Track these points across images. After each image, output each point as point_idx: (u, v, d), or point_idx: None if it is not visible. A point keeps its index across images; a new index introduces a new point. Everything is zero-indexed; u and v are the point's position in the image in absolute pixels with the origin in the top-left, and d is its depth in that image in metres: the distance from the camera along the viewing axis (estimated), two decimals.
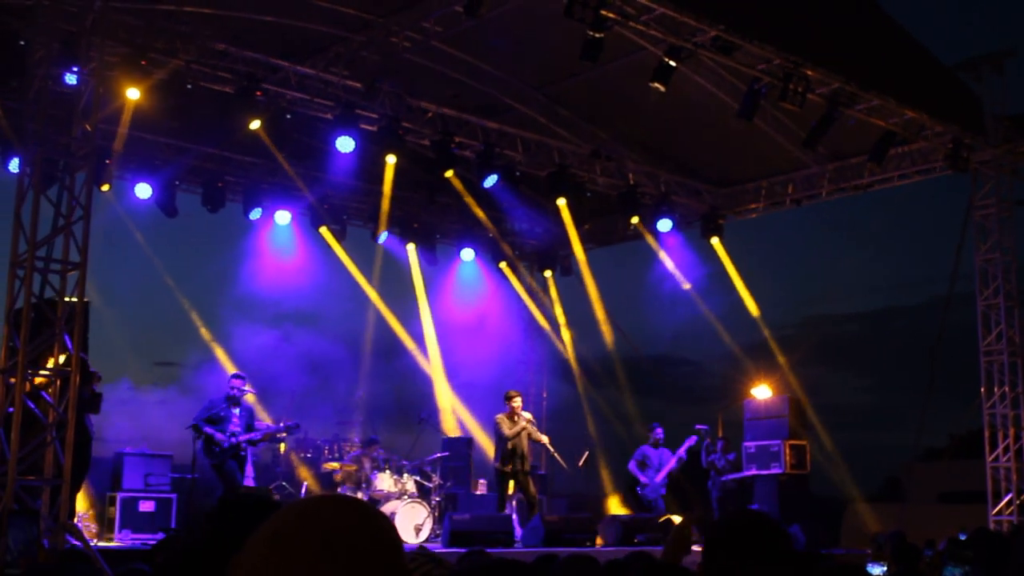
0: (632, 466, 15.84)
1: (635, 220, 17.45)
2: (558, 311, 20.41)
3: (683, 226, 18.31)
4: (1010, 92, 15.35)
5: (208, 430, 12.74)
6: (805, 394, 18.10)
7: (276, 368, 16.78)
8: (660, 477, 15.59)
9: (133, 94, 12.33)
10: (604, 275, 19.59)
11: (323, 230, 17.55)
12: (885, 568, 8.65)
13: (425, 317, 18.96)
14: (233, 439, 12.81)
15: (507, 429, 14.10)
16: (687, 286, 18.45)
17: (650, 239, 18.20)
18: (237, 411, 13.00)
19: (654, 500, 15.53)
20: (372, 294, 18.36)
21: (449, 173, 15.53)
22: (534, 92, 16.33)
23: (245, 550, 1.61)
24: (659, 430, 15.93)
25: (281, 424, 13.81)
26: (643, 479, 15.65)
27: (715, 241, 18.12)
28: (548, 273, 20.46)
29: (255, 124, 13.38)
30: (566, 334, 20.33)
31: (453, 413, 18.50)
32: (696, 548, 3.64)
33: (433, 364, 18.80)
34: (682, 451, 15.86)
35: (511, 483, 14.20)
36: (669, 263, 18.38)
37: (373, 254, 18.56)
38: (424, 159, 15.56)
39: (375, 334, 18.58)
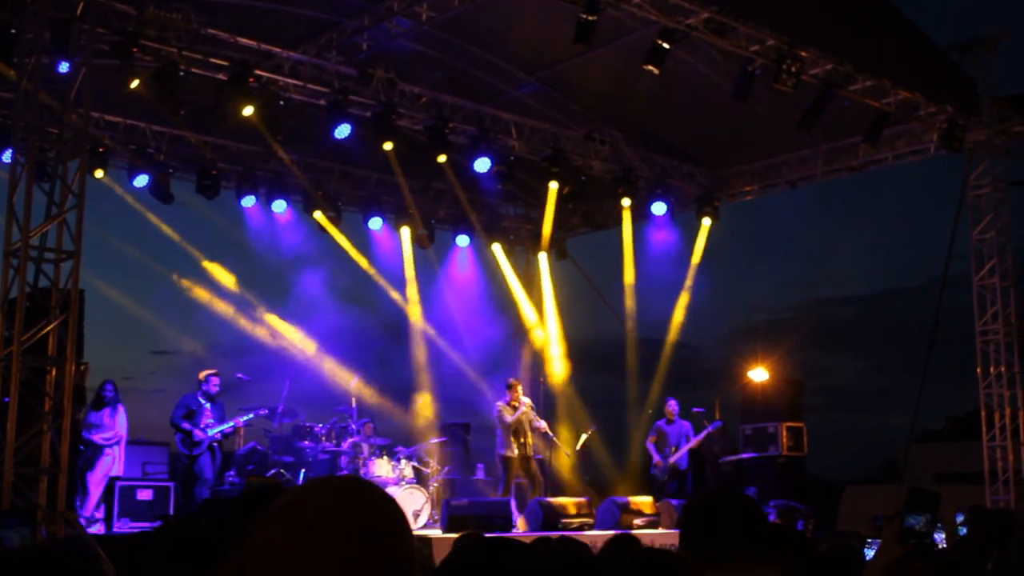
0: (648, 444, 15.57)
1: (627, 203, 17.42)
2: (553, 295, 20.36)
3: (678, 209, 18.27)
4: (1005, 73, 15.35)
5: (186, 426, 13.54)
6: (803, 377, 18.12)
7: (271, 355, 16.80)
8: (675, 458, 15.30)
9: (132, 84, 12.24)
10: (599, 258, 19.55)
11: (319, 216, 17.43)
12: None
13: (431, 303, 18.99)
14: (207, 431, 13.57)
15: (508, 416, 14.27)
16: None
17: (644, 222, 18.15)
18: (209, 406, 13.74)
19: (666, 482, 15.25)
20: (378, 279, 18.32)
21: (442, 158, 15.48)
22: (527, 76, 16.28)
23: (248, 534, 1.56)
24: (672, 403, 15.67)
25: (252, 414, 14.42)
26: (657, 457, 15.37)
27: (706, 223, 18.06)
28: (543, 257, 20.39)
29: (248, 111, 13.31)
30: (560, 318, 20.29)
31: (450, 399, 18.47)
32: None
33: (431, 349, 18.77)
34: (703, 435, 15.60)
35: (516, 468, 14.33)
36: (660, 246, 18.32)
37: (367, 240, 18.52)
38: (418, 144, 15.51)
39: (372, 319, 18.56)
